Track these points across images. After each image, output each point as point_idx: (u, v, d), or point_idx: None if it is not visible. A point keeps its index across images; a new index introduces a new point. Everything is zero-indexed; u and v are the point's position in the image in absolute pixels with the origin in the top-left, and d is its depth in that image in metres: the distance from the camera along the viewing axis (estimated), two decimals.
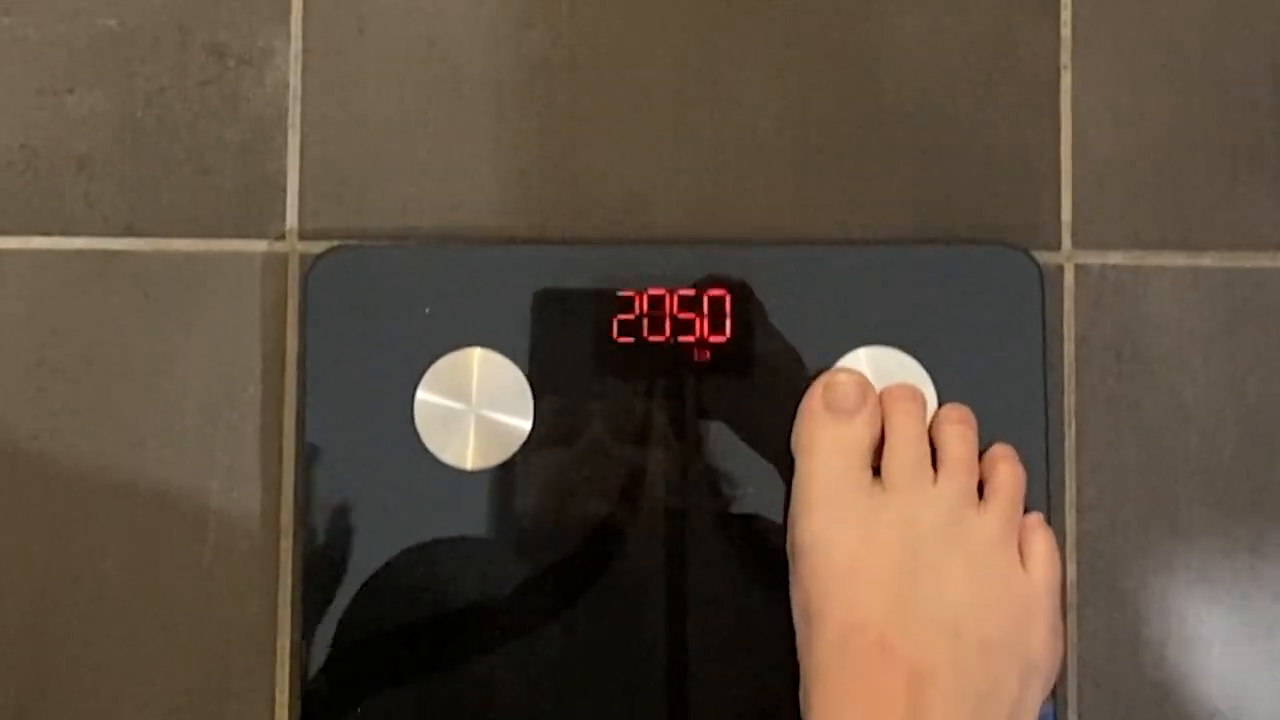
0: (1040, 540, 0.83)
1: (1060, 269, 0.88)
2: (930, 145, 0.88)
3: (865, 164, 0.88)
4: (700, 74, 0.89)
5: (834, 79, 0.89)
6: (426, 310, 0.86)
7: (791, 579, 0.84)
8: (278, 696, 0.87)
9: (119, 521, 0.88)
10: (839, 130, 0.88)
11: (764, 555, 0.86)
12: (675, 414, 0.86)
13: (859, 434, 0.83)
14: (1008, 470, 0.83)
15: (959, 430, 0.84)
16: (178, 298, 0.88)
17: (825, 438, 0.83)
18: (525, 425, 0.86)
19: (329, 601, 0.86)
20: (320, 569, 0.87)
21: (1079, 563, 0.88)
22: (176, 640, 0.87)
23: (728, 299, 0.87)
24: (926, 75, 0.89)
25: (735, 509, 0.86)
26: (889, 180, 0.88)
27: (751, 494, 0.86)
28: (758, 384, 0.86)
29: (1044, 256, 0.88)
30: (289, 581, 0.88)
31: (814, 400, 0.84)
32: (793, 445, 0.85)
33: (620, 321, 0.86)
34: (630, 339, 0.86)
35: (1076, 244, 0.89)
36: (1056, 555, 0.83)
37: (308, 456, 0.87)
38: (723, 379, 0.86)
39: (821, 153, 0.88)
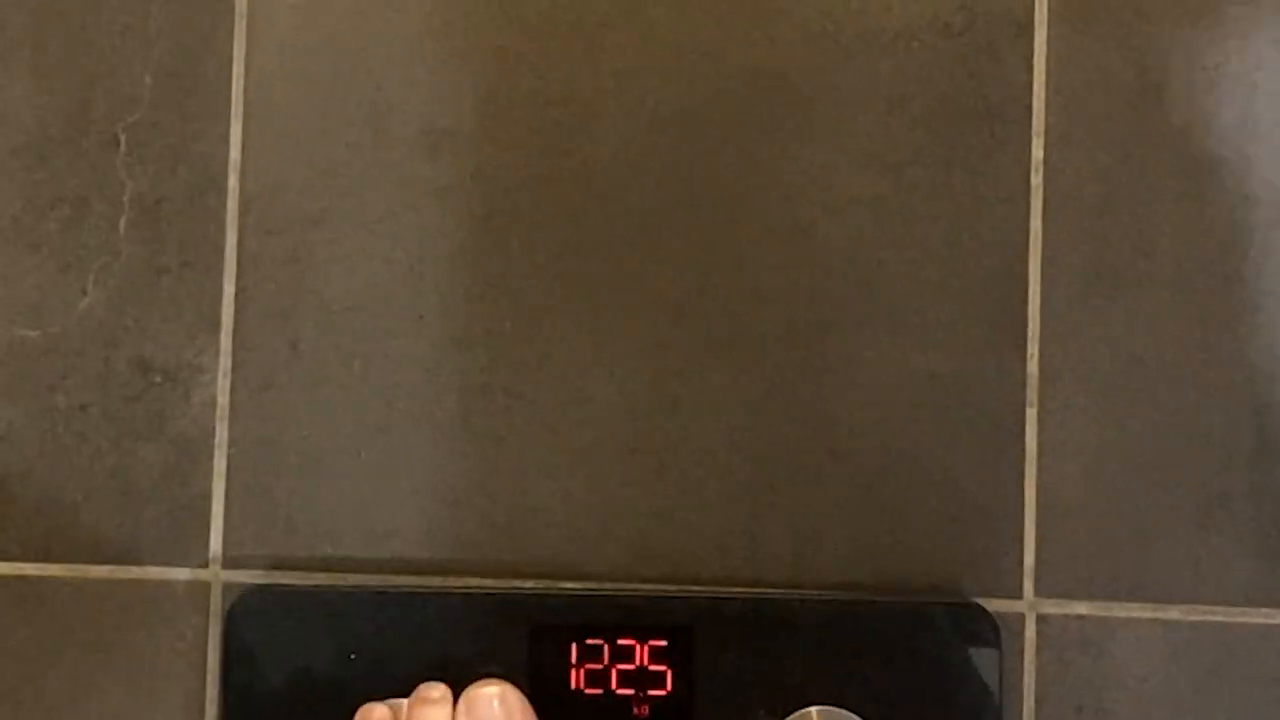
0: None
1: (1021, 619, 0.84)
2: (887, 485, 0.85)
3: (818, 505, 0.85)
4: (647, 405, 0.85)
5: (787, 414, 0.85)
6: (351, 657, 0.83)
7: None
8: None
9: None
10: (791, 468, 0.85)
11: None
12: None
13: None
14: None
15: None
16: (95, 628, 0.85)
17: None
18: None
19: None
20: None
21: None
22: None
23: (670, 650, 0.83)
24: (885, 412, 0.85)
25: None
26: (843, 522, 0.85)
27: None
28: None
29: (1004, 605, 0.84)
30: None
31: None
32: None
33: (554, 671, 0.82)
34: (565, 690, 0.82)
35: (1039, 592, 0.85)
36: None
37: None
38: None
39: (772, 492, 0.85)
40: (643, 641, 0.83)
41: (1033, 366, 0.85)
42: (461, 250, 0.85)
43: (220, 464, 0.85)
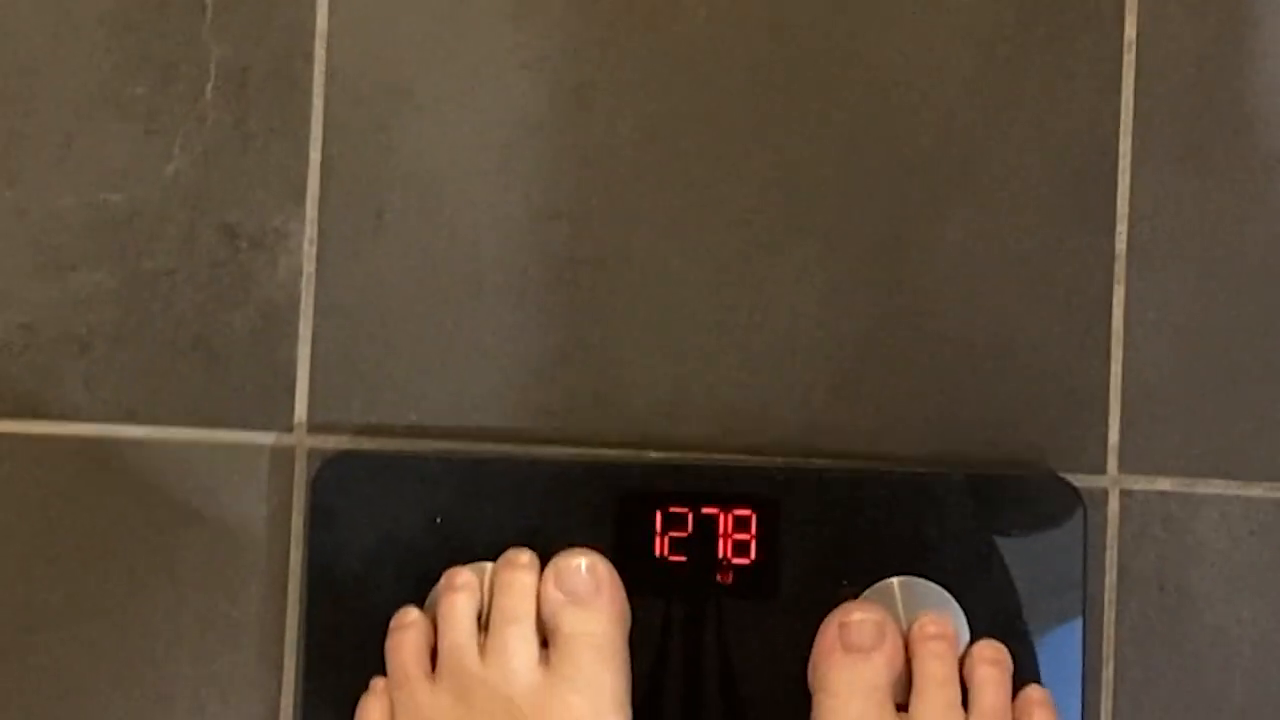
0: None
1: (1104, 494, 0.84)
2: (972, 360, 0.84)
3: (903, 378, 0.84)
4: (735, 278, 0.85)
5: (872, 288, 0.85)
6: (438, 520, 0.82)
7: None
8: None
9: None
10: (876, 342, 0.85)
11: None
12: (693, 638, 0.83)
13: (878, 673, 0.79)
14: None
15: (993, 673, 0.80)
16: (179, 490, 0.84)
17: (842, 679, 0.79)
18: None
19: None
20: None
21: None
22: None
23: (754, 520, 0.82)
24: (972, 287, 0.85)
25: None
26: (928, 396, 0.84)
27: None
28: (783, 611, 0.83)
29: (1087, 480, 0.84)
30: None
31: (829, 638, 0.80)
32: (809, 681, 0.80)
33: (639, 539, 0.82)
34: (649, 557, 0.82)
35: (1123, 468, 0.84)
36: None
37: (309, 669, 0.83)
38: (745, 604, 0.83)
39: (858, 365, 0.84)
40: (727, 510, 0.83)
41: (1121, 244, 0.85)
42: (548, 122, 0.85)
43: (306, 331, 0.85)
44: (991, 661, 0.80)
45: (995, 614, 0.82)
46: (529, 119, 0.85)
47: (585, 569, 0.79)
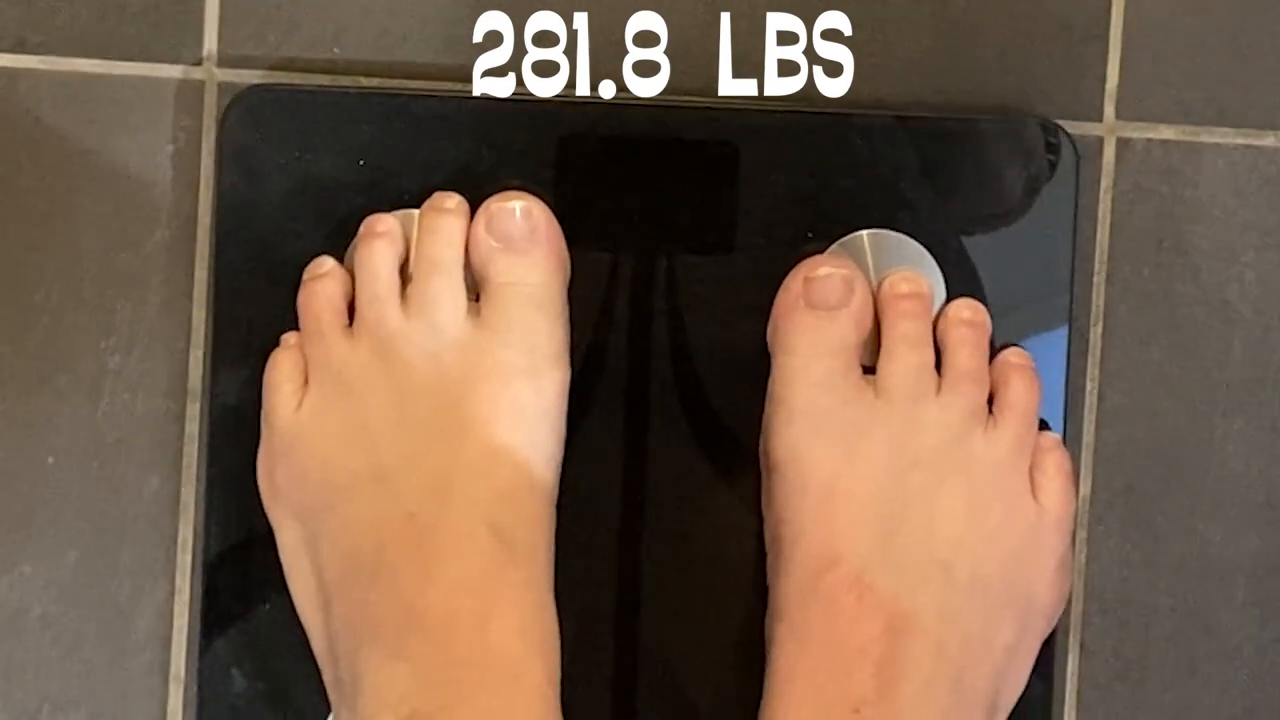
0: (1055, 465, 0.73)
1: (1099, 143, 0.77)
2: None
3: (877, 12, 0.77)
4: None
5: None
6: (360, 163, 0.75)
7: (764, 496, 0.74)
8: (178, 583, 0.78)
9: (1, 377, 0.77)
10: None
11: (735, 462, 0.76)
12: (640, 295, 0.76)
13: (844, 333, 0.72)
14: (1023, 384, 0.73)
15: (969, 334, 0.73)
16: (76, 126, 0.77)
17: (805, 338, 0.72)
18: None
19: (239, 477, 0.76)
20: (230, 440, 0.77)
21: (1095, 476, 0.79)
22: (63, 518, 0.78)
23: (709, 166, 0.75)
24: None
25: (705, 406, 0.76)
26: (903, 32, 0.77)
27: (724, 390, 0.76)
28: (740, 266, 0.76)
29: (1081, 128, 0.77)
30: (195, 453, 0.78)
31: (792, 293, 0.73)
32: (769, 341, 0.74)
33: (582, 185, 0.75)
34: (592, 205, 0.75)
35: (1120, 115, 0.78)
36: (1072, 483, 0.74)
37: (219, 313, 0.77)
38: (699, 258, 0.76)
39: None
40: (681, 156, 0.75)
41: None
42: None
43: None
44: (968, 322, 0.73)
45: (975, 275, 0.76)
46: None
47: (520, 213, 0.72)
